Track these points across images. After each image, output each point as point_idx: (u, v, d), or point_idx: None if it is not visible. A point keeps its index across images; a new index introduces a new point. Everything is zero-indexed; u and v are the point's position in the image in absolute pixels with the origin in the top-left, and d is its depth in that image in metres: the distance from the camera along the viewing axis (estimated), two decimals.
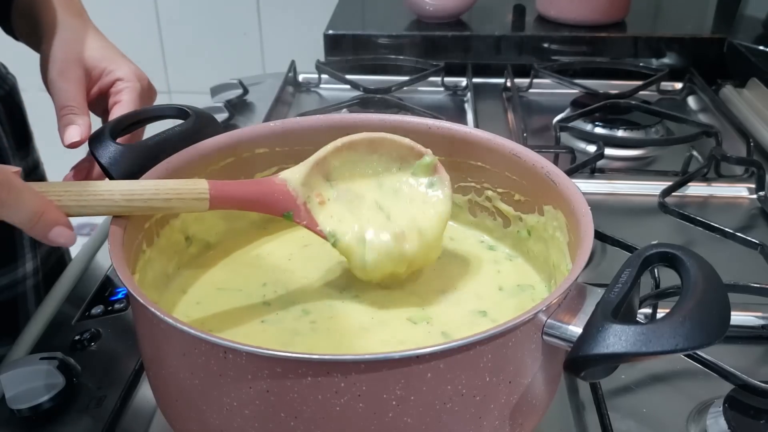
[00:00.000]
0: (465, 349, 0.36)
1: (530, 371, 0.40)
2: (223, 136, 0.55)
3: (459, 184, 0.58)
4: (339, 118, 0.58)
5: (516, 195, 0.55)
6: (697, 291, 0.36)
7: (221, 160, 0.55)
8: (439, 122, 0.57)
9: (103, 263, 0.71)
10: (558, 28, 1.23)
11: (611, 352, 0.35)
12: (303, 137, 0.57)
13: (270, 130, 0.57)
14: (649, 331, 0.35)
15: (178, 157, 0.52)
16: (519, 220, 0.55)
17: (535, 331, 0.39)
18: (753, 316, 0.61)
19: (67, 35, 0.62)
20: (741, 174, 0.86)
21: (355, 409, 0.36)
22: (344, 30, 1.24)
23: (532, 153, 0.52)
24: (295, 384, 0.35)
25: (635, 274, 0.39)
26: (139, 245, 0.48)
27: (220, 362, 0.36)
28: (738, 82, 1.09)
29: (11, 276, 0.74)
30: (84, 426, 0.51)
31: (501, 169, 0.55)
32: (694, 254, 0.39)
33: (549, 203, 0.51)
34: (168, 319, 0.37)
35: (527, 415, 0.41)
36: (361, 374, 0.35)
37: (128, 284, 0.40)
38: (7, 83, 0.77)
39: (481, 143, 0.55)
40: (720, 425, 0.50)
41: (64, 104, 0.57)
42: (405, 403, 0.36)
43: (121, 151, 0.50)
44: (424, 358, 0.35)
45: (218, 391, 0.38)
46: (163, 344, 0.41)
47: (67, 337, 0.59)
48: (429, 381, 0.36)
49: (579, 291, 0.41)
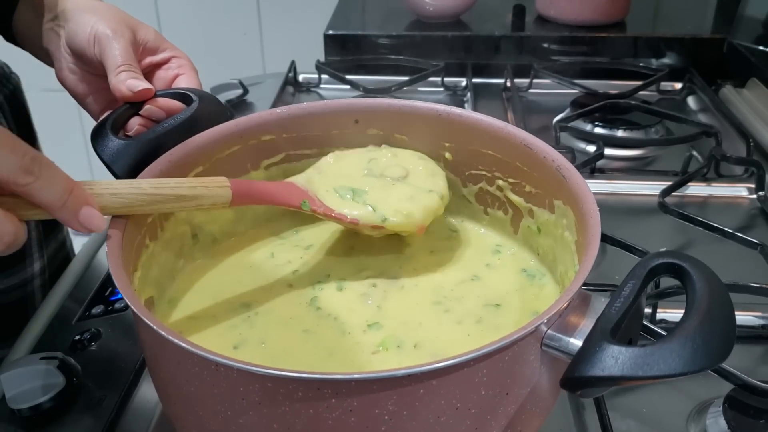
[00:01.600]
0: (459, 367, 0.35)
1: (529, 382, 0.39)
2: (228, 124, 0.54)
3: (470, 171, 0.57)
4: (346, 104, 0.58)
5: (527, 186, 0.54)
6: (701, 309, 0.35)
7: (227, 148, 0.54)
8: (450, 108, 0.56)
9: (103, 263, 0.71)
10: (558, 28, 1.23)
11: (607, 375, 0.34)
12: (309, 123, 0.57)
13: (277, 116, 0.56)
14: (647, 354, 0.33)
15: (182, 149, 0.51)
16: (530, 215, 0.54)
17: (535, 342, 0.38)
18: (753, 316, 0.61)
19: (103, 5, 0.61)
20: (741, 174, 0.86)
21: (347, 423, 0.35)
22: (344, 30, 1.24)
23: (544, 144, 0.51)
24: (287, 399, 0.35)
25: (639, 286, 0.38)
26: (141, 241, 0.48)
27: (213, 374, 0.36)
28: (738, 82, 1.09)
29: (21, 276, 0.74)
30: (84, 426, 0.51)
31: (512, 159, 0.53)
32: (702, 266, 0.37)
33: (559, 198, 0.50)
34: (161, 331, 0.36)
35: (526, 422, 0.41)
36: (351, 392, 0.34)
37: (124, 292, 0.39)
38: (11, 82, 0.77)
39: (492, 131, 0.54)
40: (720, 425, 0.50)
41: (121, 62, 0.56)
42: (397, 418, 0.35)
43: (122, 145, 0.49)
44: (415, 377, 0.34)
45: (212, 400, 0.37)
46: (159, 350, 0.40)
47: (67, 337, 0.59)
48: (422, 397, 0.35)
49: (582, 299, 0.39)
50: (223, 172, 0.52)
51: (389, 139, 0.58)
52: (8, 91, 0.76)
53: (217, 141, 0.53)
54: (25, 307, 0.71)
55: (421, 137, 0.57)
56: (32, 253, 0.75)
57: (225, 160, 0.54)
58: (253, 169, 0.57)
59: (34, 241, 0.76)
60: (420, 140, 0.57)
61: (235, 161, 0.55)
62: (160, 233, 0.50)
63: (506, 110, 1.06)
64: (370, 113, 0.55)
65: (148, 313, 0.38)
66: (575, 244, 0.48)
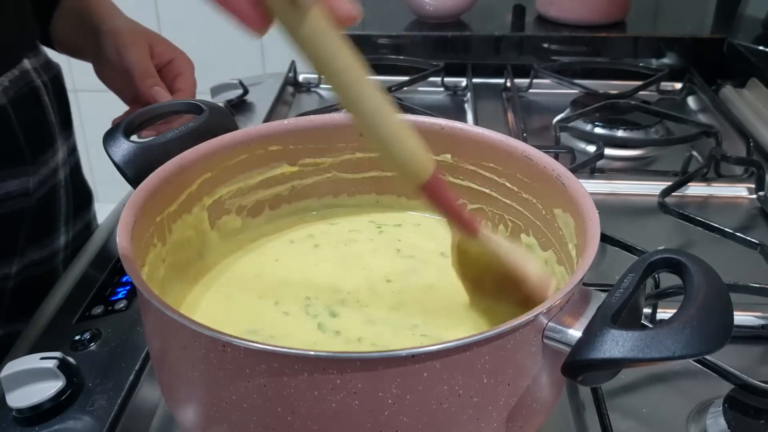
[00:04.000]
0: (462, 349, 0.36)
1: (530, 374, 0.39)
2: (237, 133, 0.56)
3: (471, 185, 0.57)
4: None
5: (527, 195, 0.54)
6: (699, 298, 0.35)
7: (235, 156, 0.55)
8: (452, 123, 0.57)
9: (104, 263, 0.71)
10: (558, 28, 1.23)
11: (608, 357, 0.35)
12: (315, 135, 0.58)
13: (283, 128, 0.58)
14: (648, 338, 0.34)
15: (192, 153, 0.52)
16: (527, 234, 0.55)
17: (536, 333, 0.38)
18: (753, 316, 0.61)
19: (125, 18, 0.79)
20: (741, 174, 0.86)
21: (350, 406, 0.36)
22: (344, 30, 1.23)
23: (545, 156, 0.52)
24: (292, 380, 0.36)
25: (638, 279, 0.38)
26: (149, 239, 0.49)
27: (219, 356, 0.37)
28: (738, 82, 1.09)
29: (51, 248, 0.79)
30: (84, 426, 0.51)
31: (513, 171, 0.54)
32: (700, 261, 0.38)
33: (559, 206, 0.51)
34: (169, 312, 0.37)
35: (527, 417, 0.41)
36: (356, 372, 0.35)
37: (132, 274, 0.40)
38: (53, 68, 0.82)
39: (494, 145, 0.55)
40: (720, 425, 0.50)
41: (146, 75, 0.74)
42: (401, 401, 0.36)
43: (134, 149, 0.50)
44: (419, 357, 0.35)
45: (217, 385, 0.38)
46: (165, 336, 0.41)
47: (67, 337, 0.59)
48: (425, 381, 0.36)
49: (582, 295, 0.40)
50: (231, 179, 0.56)
51: None
52: (51, 74, 0.80)
53: (225, 148, 0.55)
54: (52, 281, 0.72)
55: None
56: (60, 226, 0.80)
57: (233, 168, 0.56)
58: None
59: (63, 215, 0.80)
60: None
61: (243, 169, 0.56)
62: (167, 235, 0.51)
63: (506, 110, 1.06)
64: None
65: (156, 295, 0.38)
66: (576, 248, 0.48)
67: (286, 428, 0.37)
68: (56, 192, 0.79)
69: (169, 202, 0.51)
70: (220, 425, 0.40)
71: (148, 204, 0.48)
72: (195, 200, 0.54)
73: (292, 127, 0.58)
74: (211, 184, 0.55)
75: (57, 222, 0.80)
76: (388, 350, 0.35)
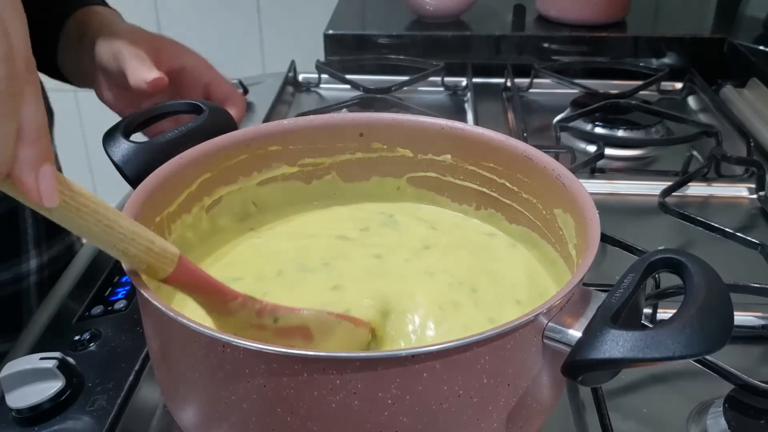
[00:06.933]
0: (461, 350, 0.36)
1: (530, 374, 0.39)
2: (237, 133, 0.56)
3: (471, 186, 0.58)
4: (351, 117, 0.59)
5: (527, 196, 0.54)
6: (699, 298, 0.35)
7: (235, 156, 0.55)
8: (453, 123, 0.57)
9: (103, 263, 0.71)
10: (558, 28, 1.23)
11: (608, 357, 0.34)
12: (315, 135, 0.58)
13: (283, 128, 0.58)
14: (648, 338, 0.34)
15: (192, 153, 0.52)
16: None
17: (536, 334, 0.38)
18: (753, 316, 0.61)
19: (126, 24, 0.71)
20: (741, 174, 0.85)
21: (350, 406, 0.36)
22: (344, 30, 1.24)
23: (545, 156, 0.52)
24: (291, 380, 0.36)
25: (638, 279, 0.38)
26: None
27: (219, 356, 0.37)
28: (738, 82, 1.09)
29: (15, 271, 0.75)
30: (84, 426, 0.51)
31: (513, 171, 0.55)
32: (700, 261, 0.38)
33: (559, 206, 0.51)
34: (169, 312, 0.37)
35: (528, 418, 0.41)
36: (356, 372, 0.35)
37: (132, 275, 0.40)
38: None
39: (495, 145, 0.55)
40: (720, 425, 0.50)
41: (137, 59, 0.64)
42: (400, 402, 0.36)
43: (134, 149, 0.50)
44: (419, 357, 0.35)
45: (216, 385, 0.38)
46: (165, 336, 0.41)
47: (67, 337, 0.59)
48: (425, 381, 0.36)
49: (582, 295, 0.40)
50: (231, 179, 0.56)
51: (393, 150, 0.59)
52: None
53: (225, 148, 0.55)
54: (19, 304, 0.71)
55: (424, 150, 0.59)
56: (28, 249, 0.76)
57: (233, 168, 0.56)
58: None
59: (31, 237, 0.77)
60: (423, 153, 0.59)
61: (243, 169, 0.56)
62: (167, 235, 0.51)
63: (506, 110, 1.06)
64: (375, 127, 0.57)
65: (156, 296, 0.39)
66: (576, 248, 0.48)
67: (286, 428, 0.37)
68: (16, 213, 0.75)
69: (169, 202, 0.51)
70: (219, 425, 0.40)
71: (147, 204, 0.48)
72: (195, 200, 0.54)
73: (292, 127, 0.58)
74: (211, 184, 0.55)
75: (23, 244, 0.76)
76: (388, 351, 0.35)
